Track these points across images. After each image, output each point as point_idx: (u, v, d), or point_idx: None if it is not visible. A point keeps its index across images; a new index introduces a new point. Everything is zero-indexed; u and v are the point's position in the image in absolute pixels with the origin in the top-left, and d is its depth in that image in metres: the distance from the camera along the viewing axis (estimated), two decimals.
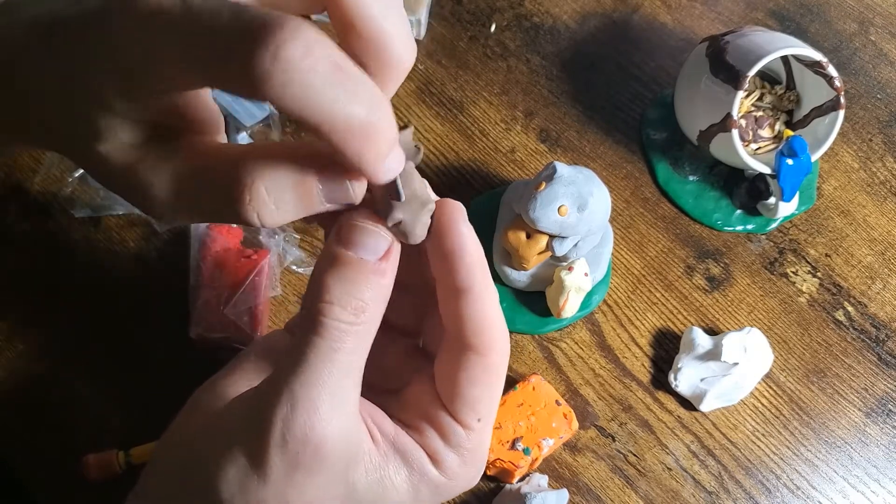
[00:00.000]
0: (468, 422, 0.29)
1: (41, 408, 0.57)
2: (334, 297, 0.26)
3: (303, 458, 0.26)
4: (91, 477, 0.53)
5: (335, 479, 0.27)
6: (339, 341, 0.26)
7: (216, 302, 0.56)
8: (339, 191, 0.26)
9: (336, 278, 0.26)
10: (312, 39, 0.22)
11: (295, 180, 0.25)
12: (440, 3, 0.73)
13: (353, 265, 0.26)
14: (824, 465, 0.59)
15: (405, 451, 0.29)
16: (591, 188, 0.57)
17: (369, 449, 0.28)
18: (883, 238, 0.66)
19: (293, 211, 0.25)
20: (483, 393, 0.29)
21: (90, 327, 0.59)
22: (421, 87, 0.70)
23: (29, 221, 0.62)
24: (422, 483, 0.29)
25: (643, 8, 0.75)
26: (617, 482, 0.57)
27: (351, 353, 0.26)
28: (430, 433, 0.29)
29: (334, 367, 0.26)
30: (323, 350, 0.26)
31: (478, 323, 0.28)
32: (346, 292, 0.26)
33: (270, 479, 0.26)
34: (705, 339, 0.59)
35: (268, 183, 0.25)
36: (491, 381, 0.29)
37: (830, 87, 0.62)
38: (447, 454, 0.29)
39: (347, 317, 0.26)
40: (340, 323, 0.26)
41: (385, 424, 0.29)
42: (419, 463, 0.29)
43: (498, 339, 0.29)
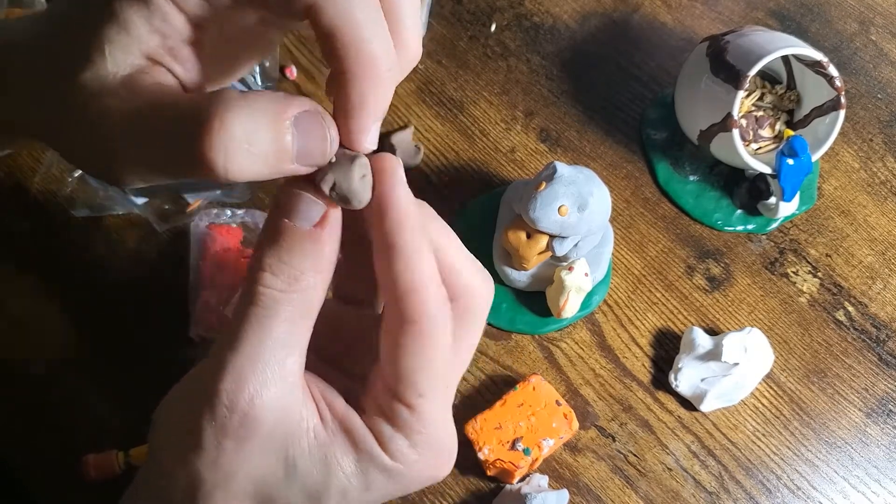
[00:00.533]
0: (409, 399, 0.27)
1: (41, 408, 0.57)
2: (266, 265, 0.26)
3: (230, 425, 0.25)
4: (91, 477, 0.53)
5: (269, 451, 0.26)
6: (272, 308, 0.25)
7: (216, 302, 0.56)
8: (314, 141, 0.25)
9: (269, 246, 0.26)
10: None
11: (273, 119, 0.24)
12: (440, 2, 0.73)
13: (286, 232, 0.26)
14: (825, 466, 0.58)
15: (352, 431, 0.27)
16: (591, 188, 0.57)
17: (314, 426, 0.27)
18: (883, 238, 0.66)
19: (262, 160, 0.24)
20: (419, 365, 0.26)
21: (90, 327, 0.59)
22: (421, 87, 0.70)
23: (29, 221, 0.62)
24: (371, 467, 0.27)
25: (643, 8, 0.75)
26: (617, 482, 0.57)
27: (286, 321, 0.26)
28: (376, 417, 0.27)
29: (268, 336, 0.25)
30: (256, 318, 0.25)
31: (405, 285, 0.26)
32: (279, 260, 0.26)
33: (203, 449, 0.26)
34: (706, 340, 0.59)
35: (242, 116, 0.23)
36: (426, 353, 0.26)
37: (831, 86, 0.62)
38: (393, 437, 0.27)
39: (280, 284, 0.25)
40: (273, 291, 0.25)
41: (337, 404, 0.28)
42: (366, 445, 0.27)
43: (427, 304, 0.26)
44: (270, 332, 0.26)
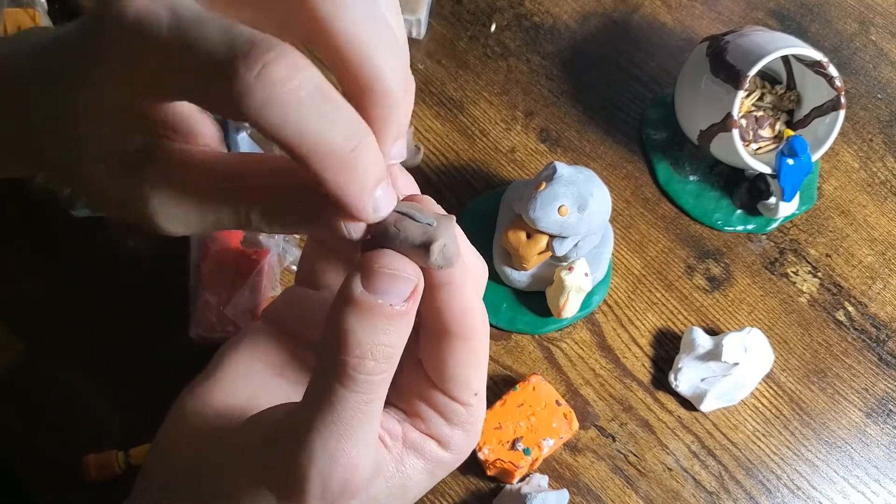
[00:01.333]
0: (465, 399, 0.29)
1: (41, 408, 0.57)
2: (365, 351, 0.25)
3: (338, 501, 0.26)
4: (91, 477, 0.53)
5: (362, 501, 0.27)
6: (372, 393, 0.25)
7: (216, 302, 0.56)
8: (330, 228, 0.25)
9: (365, 329, 0.25)
10: (299, 63, 0.21)
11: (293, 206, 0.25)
12: (440, 2, 0.73)
13: (381, 312, 0.25)
14: (825, 466, 0.58)
15: (416, 445, 0.29)
16: (591, 188, 0.57)
17: (385, 459, 0.28)
18: (883, 238, 0.66)
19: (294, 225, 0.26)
20: (473, 372, 0.29)
21: (90, 327, 0.59)
22: (421, 87, 0.70)
23: (29, 221, 0.62)
24: (436, 467, 0.30)
25: (643, 8, 0.75)
26: (617, 482, 0.57)
27: (380, 398, 0.26)
28: (433, 418, 0.29)
29: (366, 418, 0.26)
30: (355, 403, 0.25)
31: (461, 312, 0.28)
32: (376, 342, 0.25)
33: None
34: (706, 340, 0.59)
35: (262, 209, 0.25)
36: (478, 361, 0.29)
37: (831, 86, 0.62)
38: (453, 433, 0.30)
39: (379, 368, 0.25)
40: (373, 377, 0.25)
41: (392, 425, 0.29)
42: (431, 452, 0.29)
43: (479, 322, 0.29)
44: (369, 413, 0.26)
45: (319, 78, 0.22)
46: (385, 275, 0.25)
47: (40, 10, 0.63)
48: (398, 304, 0.25)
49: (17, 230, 0.62)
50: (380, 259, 0.25)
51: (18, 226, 0.62)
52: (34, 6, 0.62)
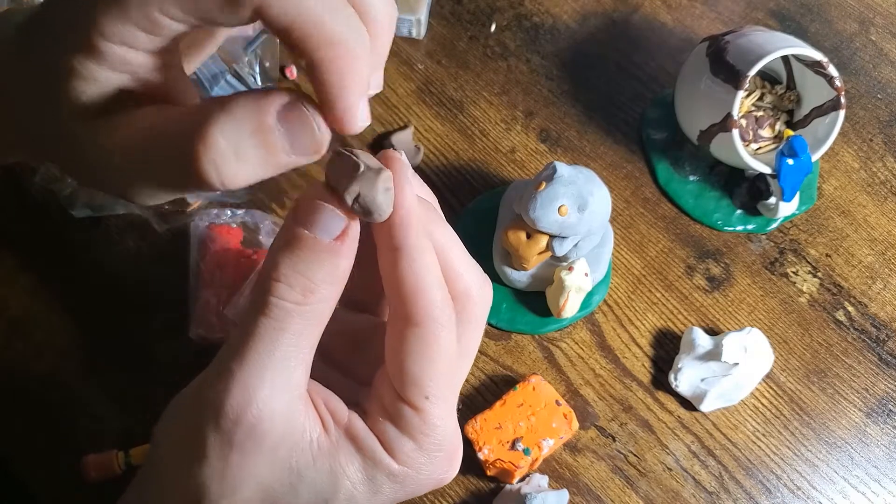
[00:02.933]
0: (415, 401, 0.27)
1: (41, 408, 0.57)
2: (282, 275, 0.25)
3: (236, 438, 0.25)
4: (91, 477, 0.53)
5: (275, 462, 0.26)
6: (283, 321, 0.25)
7: (216, 302, 0.56)
8: (304, 134, 0.24)
9: (286, 256, 0.25)
10: None
11: (255, 124, 0.24)
12: (440, 3, 0.73)
13: (305, 243, 0.25)
14: (825, 466, 0.58)
15: (357, 437, 0.27)
16: (591, 188, 0.57)
17: (318, 436, 0.27)
18: (883, 238, 0.66)
19: (256, 163, 0.24)
20: (425, 368, 0.27)
21: (90, 327, 0.59)
22: (421, 87, 0.70)
23: (29, 221, 0.62)
24: (377, 472, 0.27)
25: (643, 8, 0.75)
26: (617, 482, 0.57)
27: (297, 334, 0.25)
28: (381, 420, 0.27)
29: (277, 348, 0.25)
30: (266, 329, 0.25)
31: (411, 288, 0.26)
32: (295, 271, 0.25)
33: (208, 460, 0.26)
34: (706, 340, 0.59)
35: (224, 128, 0.23)
36: (431, 355, 0.27)
37: (831, 86, 0.62)
38: (399, 440, 0.27)
39: (295, 296, 0.25)
40: (286, 302, 0.25)
41: (339, 411, 0.28)
42: (371, 450, 0.27)
43: (432, 307, 0.26)
44: (280, 345, 0.25)
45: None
46: (312, 204, 0.25)
47: None
48: (325, 238, 0.25)
49: (17, 230, 0.62)
50: (309, 191, 0.25)
51: (18, 226, 0.62)
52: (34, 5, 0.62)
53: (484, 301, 0.29)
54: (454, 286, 0.28)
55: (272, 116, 0.24)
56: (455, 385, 0.29)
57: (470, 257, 0.29)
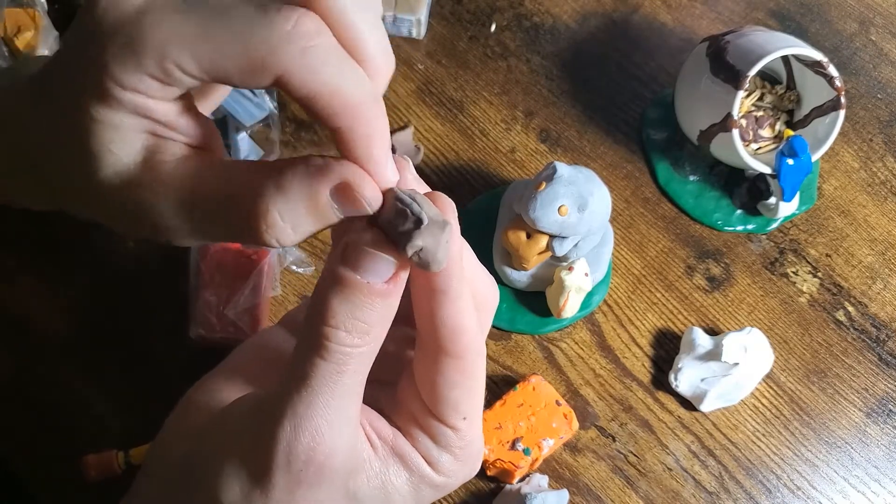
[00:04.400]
0: (453, 423, 0.29)
1: (41, 408, 0.57)
2: (339, 322, 0.25)
3: (305, 477, 0.26)
4: (91, 477, 0.53)
5: (337, 491, 0.27)
6: (343, 364, 0.26)
7: (216, 302, 0.56)
8: (353, 206, 0.26)
9: (341, 301, 0.25)
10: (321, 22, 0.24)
11: (308, 201, 0.25)
12: (440, 2, 0.73)
13: (359, 288, 0.26)
14: (825, 466, 0.58)
15: (403, 455, 0.29)
16: (591, 188, 0.57)
17: (369, 456, 0.28)
18: (883, 238, 0.66)
19: (309, 229, 0.26)
20: (463, 394, 0.29)
21: (90, 327, 0.59)
22: (421, 87, 0.70)
23: (29, 221, 0.62)
24: (422, 483, 0.29)
25: (643, 8, 0.75)
26: (617, 482, 0.57)
27: (354, 374, 0.26)
28: (421, 437, 0.29)
29: (337, 389, 0.26)
30: (327, 373, 0.26)
31: (453, 327, 0.27)
32: (351, 316, 0.25)
33: (273, 495, 0.26)
34: (706, 340, 0.59)
35: (281, 208, 0.25)
36: (469, 383, 0.29)
37: (831, 86, 0.62)
38: (441, 455, 0.29)
39: (352, 340, 0.26)
40: (345, 347, 0.26)
41: (383, 429, 0.29)
42: (417, 466, 0.29)
43: (472, 341, 0.28)
44: (341, 385, 0.26)
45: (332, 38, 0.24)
46: (362, 251, 0.26)
47: (40, 10, 0.63)
48: (377, 283, 0.26)
49: (17, 230, 0.62)
50: (362, 236, 0.26)
51: (18, 226, 0.62)
52: (34, 6, 0.62)
53: (493, 305, 0.31)
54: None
55: (325, 196, 0.25)
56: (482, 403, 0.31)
57: (479, 262, 0.30)
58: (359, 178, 0.25)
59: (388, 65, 0.27)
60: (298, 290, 0.61)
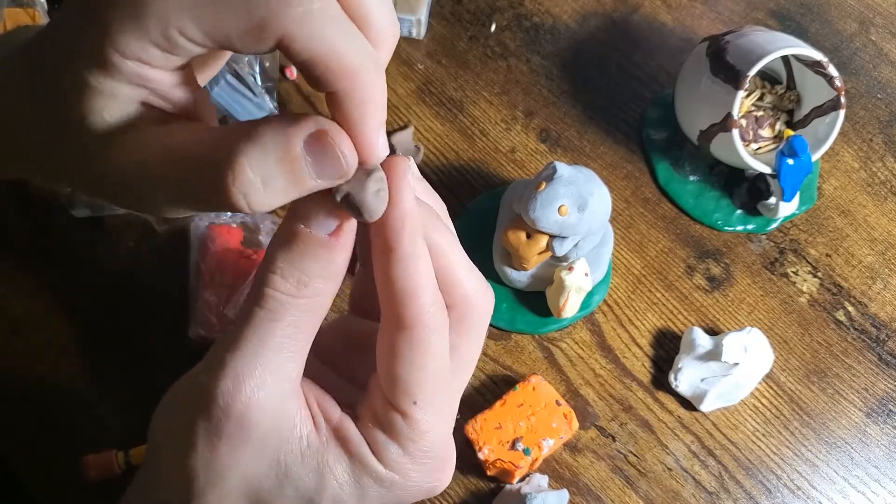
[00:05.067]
0: (402, 406, 0.27)
1: (41, 408, 0.57)
2: (277, 268, 0.25)
3: (225, 427, 0.25)
4: (91, 477, 0.53)
5: (263, 455, 0.26)
6: (277, 312, 0.25)
7: (216, 302, 0.56)
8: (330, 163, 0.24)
9: (282, 249, 0.26)
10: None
11: (281, 153, 0.24)
12: (440, 3, 0.73)
13: (300, 237, 0.26)
14: (825, 466, 0.58)
15: (346, 439, 0.27)
16: (591, 188, 0.57)
17: (308, 433, 0.27)
18: (883, 238, 0.66)
19: (283, 189, 0.24)
20: (413, 373, 0.26)
21: (90, 327, 0.59)
22: (421, 87, 0.70)
23: (29, 221, 0.62)
24: (364, 475, 0.27)
25: (643, 8, 0.75)
26: (617, 482, 0.57)
27: (290, 326, 0.26)
28: (371, 423, 0.27)
29: (269, 339, 0.26)
30: (260, 320, 0.25)
31: (401, 290, 0.26)
32: (289, 263, 0.26)
33: (197, 448, 0.26)
34: (706, 340, 0.59)
35: (251, 158, 0.23)
36: (420, 360, 0.26)
37: (831, 86, 0.62)
38: (388, 445, 0.27)
39: (289, 288, 0.25)
40: (281, 294, 0.25)
41: (332, 412, 0.28)
42: (359, 453, 0.27)
43: (423, 311, 0.26)
44: (273, 336, 0.26)
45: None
46: (308, 202, 0.26)
47: (40, 10, 0.63)
48: (320, 233, 0.26)
49: (17, 230, 0.62)
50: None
51: (18, 226, 0.62)
52: (34, 6, 0.62)
53: (485, 309, 0.29)
54: (453, 292, 0.28)
55: (298, 146, 0.24)
56: (450, 392, 0.28)
57: (472, 264, 0.29)
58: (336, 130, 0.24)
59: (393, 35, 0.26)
60: None
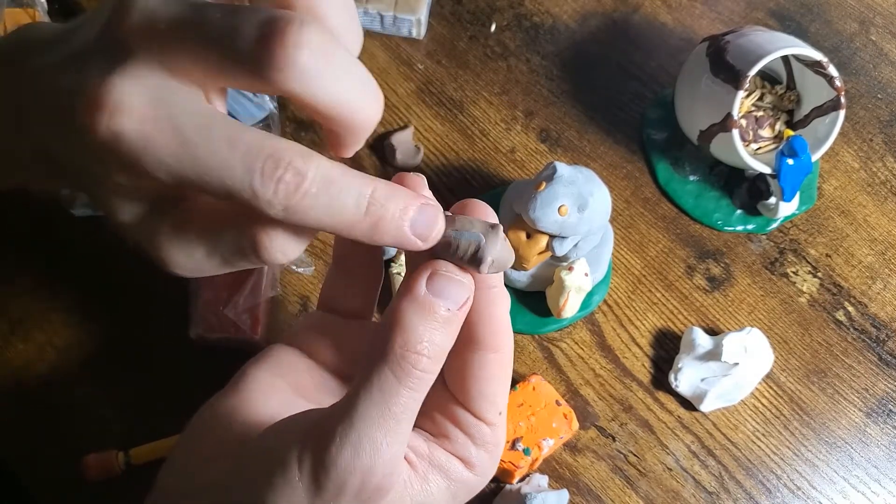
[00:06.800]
0: (491, 418, 0.30)
1: (41, 408, 0.57)
2: (423, 348, 0.26)
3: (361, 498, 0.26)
4: (91, 477, 0.53)
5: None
6: (420, 391, 0.26)
7: (216, 302, 0.56)
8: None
9: (426, 326, 0.26)
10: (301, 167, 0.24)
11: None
12: (440, 3, 0.73)
13: (439, 314, 0.27)
14: (825, 466, 0.58)
15: (441, 465, 0.29)
16: (591, 188, 0.57)
17: (409, 476, 0.28)
18: (883, 238, 0.66)
19: (311, 235, 0.27)
20: (500, 388, 0.30)
21: (90, 327, 0.59)
22: (421, 87, 0.70)
23: (29, 221, 0.62)
24: (458, 488, 0.30)
25: (643, 8, 0.75)
26: (617, 482, 0.57)
27: (420, 398, 0.27)
28: (459, 438, 0.30)
29: (408, 415, 0.26)
30: (404, 396, 0.26)
31: (499, 321, 0.29)
32: (432, 340, 0.26)
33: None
34: (706, 340, 0.59)
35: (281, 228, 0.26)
36: (505, 377, 0.30)
37: (831, 86, 0.62)
38: (478, 454, 0.30)
39: (430, 366, 0.26)
40: (426, 374, 0.26)
41: (418, 444, 0.29)
42: (456, 472, 0.30)
43: (510, 334, 0.30)
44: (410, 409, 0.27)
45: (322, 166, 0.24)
46: (447, 278, 0.27)
47: (40, 10, 0.63)
48: (453, 309, 0.27)
49: (17, 230, 0.62)
50: (443, 265, 0.27)
51: (18, 226, 0.62)
52: (34, 6, 0.62)
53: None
54: None
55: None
56: None
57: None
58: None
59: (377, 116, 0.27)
60: (298, 291, 0.61)
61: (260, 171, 0.23)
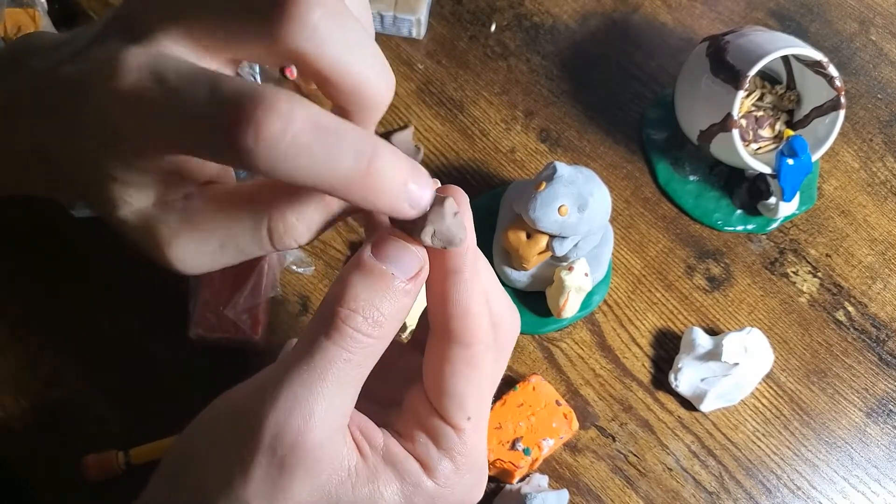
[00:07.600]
0: (457, 421, 0.28)
1: (41, 408, 0.57)
2: (359, 306, 0.25)
3: (288, 463, 0.25)
4: (91, 477, 0.53)
5: (316, 488, 0.26)
6: (351, 351, 0.25)
7: (216, 302, 0.56)
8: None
9: (365, 286, 0.26)
10: (289, 109, 0.21)
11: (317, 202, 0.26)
12: (440, 3, 0.73)
13: (383, 278, 0.26)
14: (825, 466, 0.58)
15: (396, 462, 0.28)
16: (591, 188, 0.57)
17: (356, 463, 0.27)
18: (883, 238, 0.66)
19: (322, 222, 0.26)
20: (469, 388, 0.28)
21: (90, 327, 0.59)
22: (421, 87, 0.70)
23: (29, 221, 0.62)
24: (415, 495, 0.28)
25: (643, 8, 0.75)
26: (617, 482, 0.57)
27: (358, 365, 0.26)
28: (421, 439, 0.28)
29: (339, 376, 0.25)
30: (333, 356, 0.25)
31: (463, 310, 0.27)
32: (370, 302, 0.26)
33: (255, 477, 0.26)
34: (706, 340, 0.59)
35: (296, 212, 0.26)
36: (477, 376, 0.28)
37: (831, 86, 0.62)
38: (440, 461, 0.28)
39: (367, 328, 0.25)
40: (358, 333, 0.25)
41: (374, 436, 0.28)
42: (411, 474, 0.28)
43: (481, 329, 0.28)
44: (343, 373, 0.26)
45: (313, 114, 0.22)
46: (395, 243, 0.26)
47: (40, 10, 0.63)
48: (401, 277, 0.26)
49: (17, 230, 0.62)
50: (391, 231, 0.26)
51: (18, 226, 0.62)
52: (34, 6, 0.62)
53: (513, 330, 0.30)
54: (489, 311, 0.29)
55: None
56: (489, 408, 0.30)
57: (500, 285, 0.30)
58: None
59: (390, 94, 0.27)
60: (298, 291, 0.61)
61: (239, 112, 0.21)
